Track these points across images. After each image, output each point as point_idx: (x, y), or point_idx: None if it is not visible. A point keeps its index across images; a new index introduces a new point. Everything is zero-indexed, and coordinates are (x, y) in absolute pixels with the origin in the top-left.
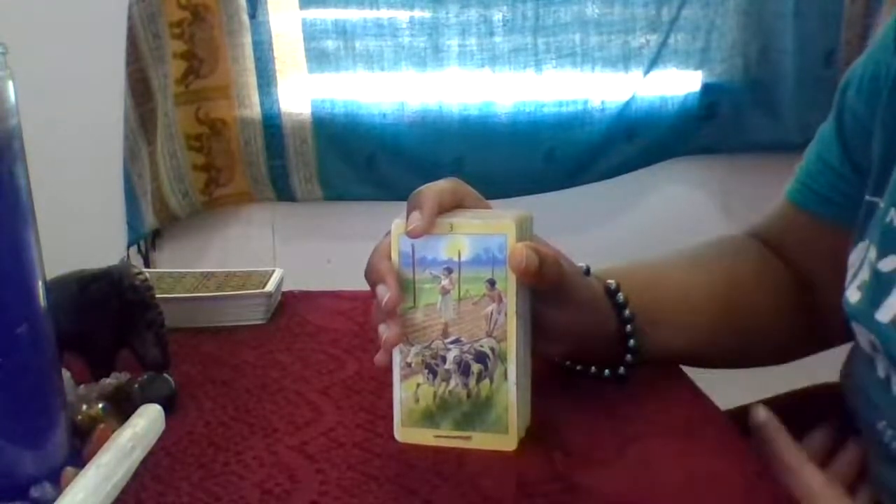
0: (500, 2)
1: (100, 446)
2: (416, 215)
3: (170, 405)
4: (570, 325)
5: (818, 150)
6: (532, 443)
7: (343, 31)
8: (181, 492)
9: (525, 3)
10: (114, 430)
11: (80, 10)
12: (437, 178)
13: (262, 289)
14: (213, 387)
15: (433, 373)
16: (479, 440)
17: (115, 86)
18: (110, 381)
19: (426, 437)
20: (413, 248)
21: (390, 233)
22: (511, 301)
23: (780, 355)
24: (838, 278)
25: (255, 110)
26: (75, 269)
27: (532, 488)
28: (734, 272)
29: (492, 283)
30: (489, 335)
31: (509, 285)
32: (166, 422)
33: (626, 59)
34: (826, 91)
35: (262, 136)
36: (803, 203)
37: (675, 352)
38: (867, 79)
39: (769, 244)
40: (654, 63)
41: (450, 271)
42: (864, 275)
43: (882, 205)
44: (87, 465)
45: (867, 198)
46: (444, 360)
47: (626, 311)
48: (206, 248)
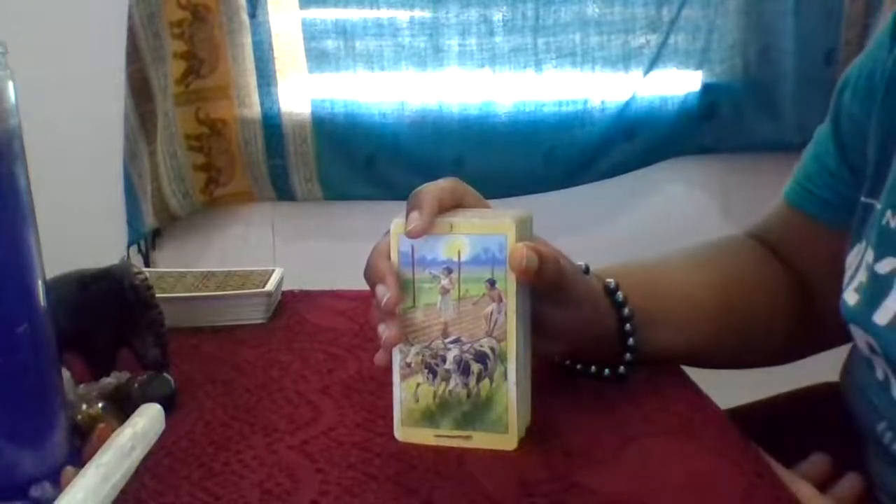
0: (500, 2)
1: (100, 446)
2: (415, 215)
3: (170, 405)
4: (570, 324)
5: (815, 151)
6: (532, 443)
7: (343, 31)
8: (181, 492)
9: (525, 2)
10: (114, 430)
11: (80, 10)
12: (436, 177)
13: (262, 288)
14: (213, 387)
15: (433, 372)
16: (479, 440)
17: (115, 86)
18: (110, 380)
19: (426, 436)
20: (413, 248)
21: (390, 232)
22: (511, 301)
23: (778, 356)
24: (836, 279)
25: (255, 110)
26: (75, 269)
27: (532, 488)
28: (733, 272)
29: (492, 283)
30: (489, 335)
31: (509, 285)
32: (166, 422)
33: (626, 59)
34: (826, 91)
35: (262, 136)
36: (801, 204)
37: (675, 351)
38: (863, 80)
39: (768, 245)
40: (654, 63)
41: (449, 271)
42: (862, 277)
43: (878, 207)
44: (87, 465)
45: (863, 199)
46: (443, 359)
47: (625, 310)
48: (206, 248)
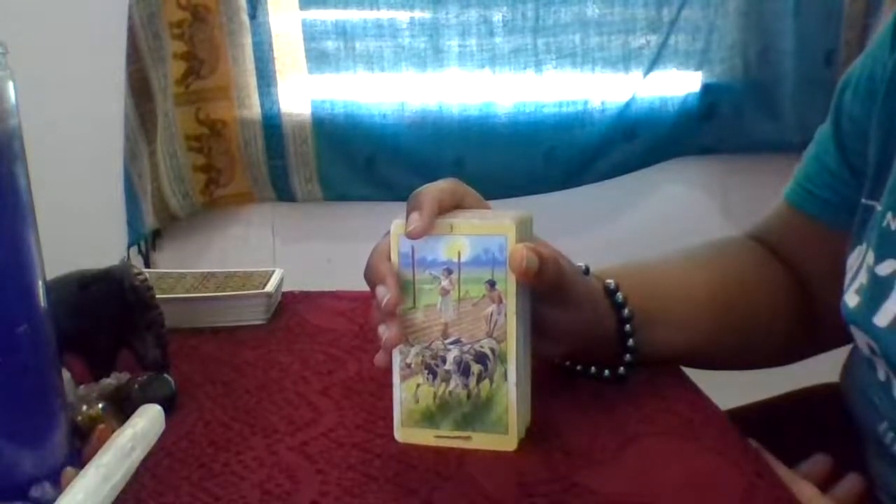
0: (500, 2)
1: (100, 446)
2: (415, 216)
3: (170, 405)
4: (570, 324)
5: (816, 152)
6: (532, 443)
7: (343, 32)
8: (181, 492)
9: (525, 3)
10: (114, 430)
11: (80, 10)
12: (436, 178)
13: (262, 289)
14: (213, 387)
15: (433, 373)
16: (479, 441)
17: (115, 86)
18: (110, 381)
19: (426, 437)
20: (413, 249)
21: (390, 233)
22: (511, 302)
23: (778, 356)
24: (837, 280)
25: (255, 111)
26: (75, 269)
27: (532, 488)
28: (733, 273)
29: (492, 284)
30: (489, 336)
31: (509, 286)
32: (166, 422)
33: (626, 60)
34: (826, 91)
35: (262, 137)
36: (801, 205)
37: (674, 351)
38: (864, 80)
39: (768, 245)
40: (654, 63)
41: (450, 272)
42: (862, 278)
43: (879, 208)
44: (87, 465)
45: (864, 201)
46: (444, 360)
47: (625, 311)
48: (206, 248)
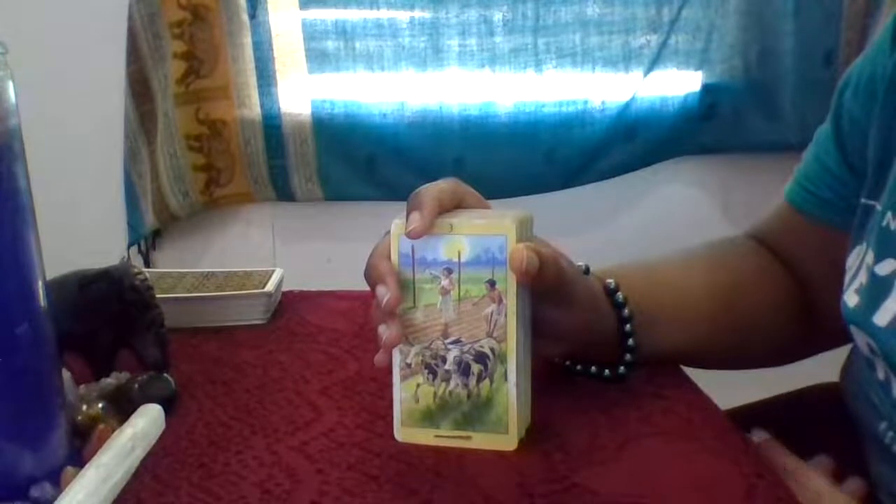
0: (500, 2)
1: (100, 446)
2: (415, 216)
3: (170, 405)
4: (570, 324)
5: (816, 152)
6: (532, 443)
7: (343, 32)
8: (181, 492)
9: (525, 3)
10: (114, 430)
11: (80, 10)
12: (437, 178)
13: (262, 289)
14: (213, 387)
15: (433, 373)
16: (479, 440)
17: (115, 86)
18: (110, 381)
19: (426, 437)
20: (413, 249)
21: (390, 233)
22: (511, 302)
23: (778, 356)
24: (836, 280)
25: (255, 110)
26: (75, 270)
27: (532, 488)
28: (733, 272)
29: (492, 284)
30: (489, 336)
31: (509, 286)
32: (166, 422)
33: (626, 60)
34: (825, 91)
35: (262, 137)
36: (801, 205)
37: (674, 351)
38: (864, 80)
39: (768, 245)
40: (654, 63)
41: (450, 272)
42: (862, 278)
43: (879, 208)
44: (87, 465)
45: (863, 201)
46: (444, 360)
47: (625, 311)
48: (206, 248)
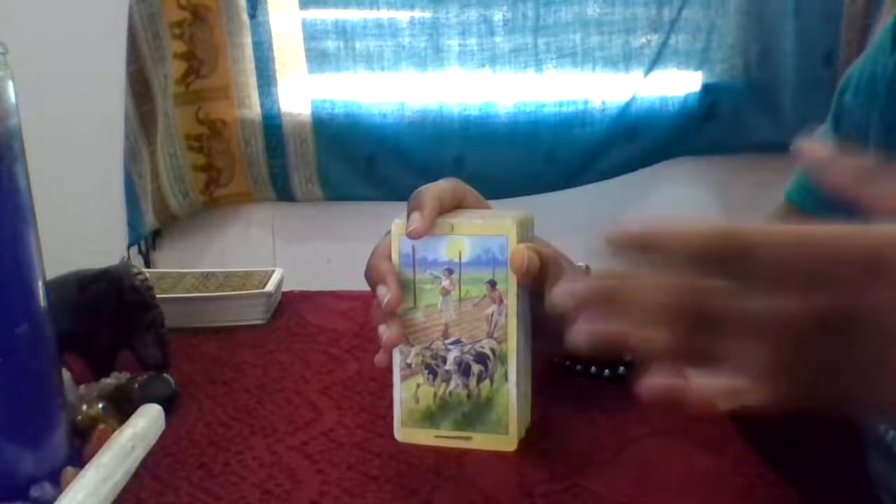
0: (500, 2)
1: (100, 446)
2: (416, 216)
3: (170, 405)
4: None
5: None
6: (532, 443)
7: (343, 32)
8: (181, 492)
9: (525, 3)
10: (114, 430)
11: (80, 10)
12: (437, 178)
13: (262, 289)
14: (213, 387)
15: (433, 373)
16: (480, 441)
17: (115, 86)
18: (110, 381)
19: (426, 437)
20: (413, 249)
21: (390, 233)
22: (512, 302)
23: None
24: None
25: (255, 110)
26: (75, 270)
27: (532, 488)
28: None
29: (492, 285)
30: (489, 336)
31: (510, 286)
32: (166, 422)
33: (626, 60)
34: (826, 91)
35: (262, 137)
36: (802, 205)
37: None
38: (864, 81)
39: None
40: (654, 63)
41: (450, 272)
42: None
43: None
44: (87, 465)
45: None
46: (444, 360)
47: None
48: (206, 248)
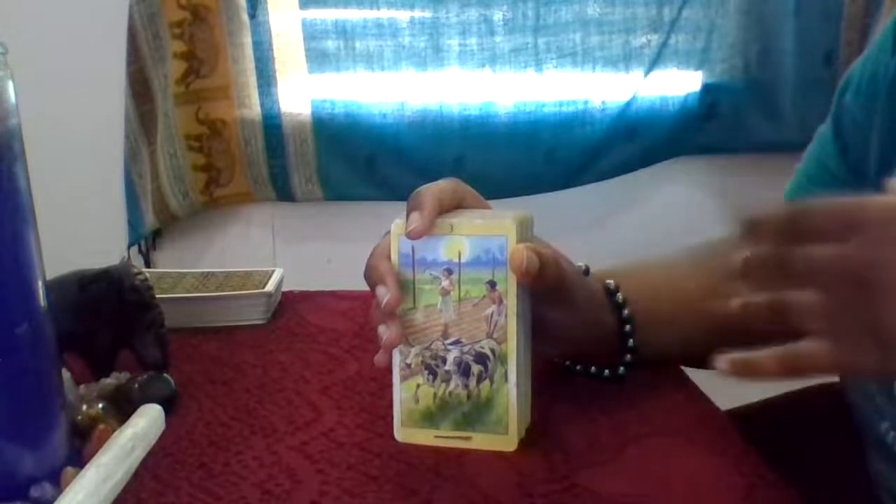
0: (500, 1)
1: (100, 446)
2: (415, 216)
3: (170, 405)
4: (570, 325)
5: (816, 152)
6: (532, 443)
7: (343, 31)
8: (181, 492)
9: (525, 2)
10: (114, 430)
11: (80, 10)
12: (437, 178)
13: (262, 289)
14: (213, 387)
15: (433, 374)
16: (480, 441)
17: (115, 86)
18: (110, 381)
19: (426, 437)
20: (413, 249)
21: (390, 233)
22: (511, 302)
23: None
24: None
25: (255, 110)
26: (75, 270)
27: (532, 488)
28: (734, 272)
29: (492, 285)
30: (489, 336)
31: (510, 287)
32: (166, 422)
33: (626, 59)
34: (826, 91)
35: (262, 137)
36: None
37: (674, 352)
38: (865, 81)
39: None
40: (654, 63)
41: (450, 272)
42: None
43: None
44: (87, 465)
45: None
46: (444, 361)
47: (625, 311)
48: (206, 248)
